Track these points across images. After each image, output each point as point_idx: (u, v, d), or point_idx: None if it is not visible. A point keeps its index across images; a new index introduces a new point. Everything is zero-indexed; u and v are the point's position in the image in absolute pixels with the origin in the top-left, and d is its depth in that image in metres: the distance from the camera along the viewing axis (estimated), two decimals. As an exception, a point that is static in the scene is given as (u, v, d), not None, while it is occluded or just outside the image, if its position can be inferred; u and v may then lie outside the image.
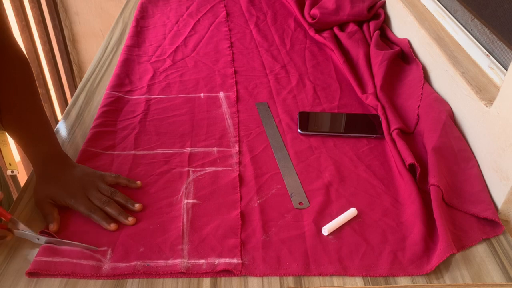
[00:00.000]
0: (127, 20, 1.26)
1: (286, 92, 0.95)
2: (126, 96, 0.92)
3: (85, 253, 0.60)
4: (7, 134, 0.73)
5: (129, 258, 0.59)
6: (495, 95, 0.71)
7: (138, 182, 0.71)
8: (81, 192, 0.66)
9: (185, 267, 0.58)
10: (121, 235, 0.63)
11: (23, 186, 0.72)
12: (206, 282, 0.57)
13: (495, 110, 0.69)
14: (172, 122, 0.85)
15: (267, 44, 1.13)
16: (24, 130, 0.70)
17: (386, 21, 1.16)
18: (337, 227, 0.64)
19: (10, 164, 0.74)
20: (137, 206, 0.67)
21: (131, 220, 0.64)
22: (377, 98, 0.89)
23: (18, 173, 0.74)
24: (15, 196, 0.81)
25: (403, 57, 1.02)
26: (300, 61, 1.06)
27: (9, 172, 0.73)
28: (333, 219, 0.65)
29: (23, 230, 0.61)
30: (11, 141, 0.75)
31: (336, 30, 1.13)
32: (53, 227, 0.63)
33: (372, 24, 1.12)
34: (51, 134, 0.72)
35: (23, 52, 0.72)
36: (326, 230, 0.63)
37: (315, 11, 1.16)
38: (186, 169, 0.75)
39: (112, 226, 0.63)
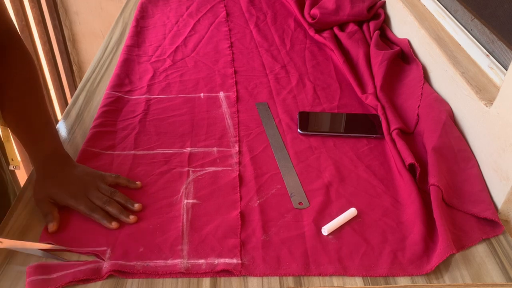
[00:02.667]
0: (127, 20, 1.26)
1: (286, 92, 0.95)
2: (126, 96, 0.92)
3: (81, 261, 0.59)
4: (9, 130, 0.74)
5: (128, 258, 0.59)
6: (495, 95, 0.71)
7: (138, 182, 0.71)
8: (81, 192, 0.66)
9: (184, 267, 0.58)
10: (120, 235, 0.63)
11: (22, 187, 0.72)
12: (206, 282, 0.57)
13: (495, 110, 0.69)
14: (172, 122, 0.85)
15: (267, 44, 1.13)
16: (26, 127, 0.71)
17: (386, 21, 1.16)
18: (336, 227, 0.64)
19: (12, 160, 0.74)
20: (137, 206, 0.67)
21: (132, 218, 0.64)
22: (377, 98, 0.89)
23: (19, 169, 0.74)
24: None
25: (403, 57, 1.02)
26: (300, 61, 1.06)
27: (10, 167, 0.74)
28: (333, 219, 0.65)
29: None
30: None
31: (336, 30, 1.13)
32: (52, 226, 0.62)
33: (372, 24, 1.12)
34: (53, 133, 0.72)
35: (29, 52, 0.73)
36: (326, 230, 0.63)
37: (315, 11, 1.16)
38: (186, 169, 0.75)
39: (114, 225, 0.63)
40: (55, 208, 0.65)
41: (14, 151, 0.75)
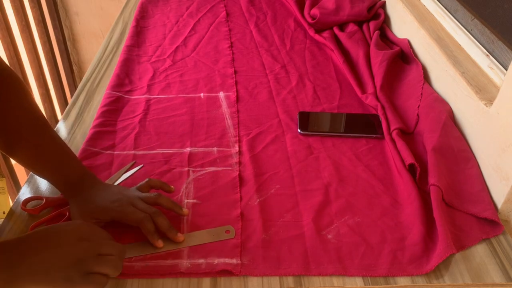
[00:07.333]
0: (127, 20, 1.26)
1: (286, 92, 0.95)
2: (126, 96, 0.92)
3: None
4: (5, 181, 0.69)
5: (129, 259, 0.59)
6: (495, 95, 0.71)
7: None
8: (125, 203, 0.62)
9: (185, 267, 0.58)
10: (121, 235, 0.63)
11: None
12: (206, 282, 0.57)
13: (495, 110, 0.69)
14: (172, 122, 0.86)
15: (267, 44, 1.13)
16: (45, 161, 0.65)
17: (386, 21, 1.16)
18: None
19: (4, 213, 0.67)
20: (185, 210, 0.64)
21: (180, 236, 0.61)
22: (377, 98, 0.89)
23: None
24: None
25: (403, 57, 1.02)
26: (300, 61, 1.06)
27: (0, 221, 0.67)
28: (332, 219, 0.65)
29: None
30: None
31: (336, 30, 1.13)
32: None
33: (372, 24, 1.12)
34: (73, 156, 0.67)
35: (12, 70, 0.65)
36: None
37: (315, 11, 1.16)
38: (186, 169, 0.75)
39: (160, 243, 0.60)
40: (102, 229, 0.59)
41: (8, 203, 0.69)
